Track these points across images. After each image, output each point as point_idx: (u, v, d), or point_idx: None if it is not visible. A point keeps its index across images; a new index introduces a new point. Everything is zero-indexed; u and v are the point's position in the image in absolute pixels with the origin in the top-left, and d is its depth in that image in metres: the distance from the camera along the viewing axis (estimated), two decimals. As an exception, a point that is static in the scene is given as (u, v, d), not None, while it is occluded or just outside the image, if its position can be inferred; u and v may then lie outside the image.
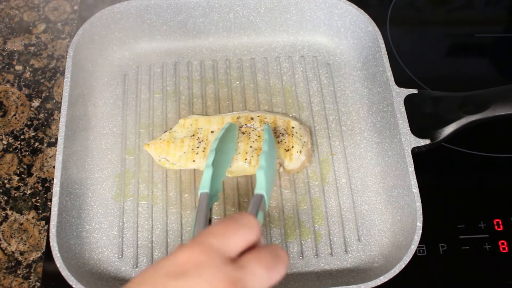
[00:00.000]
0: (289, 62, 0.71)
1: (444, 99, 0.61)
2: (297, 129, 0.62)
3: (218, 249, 0.36)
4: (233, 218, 0.39)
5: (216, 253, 0.35)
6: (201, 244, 0.36)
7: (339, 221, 0.60)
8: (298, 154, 0.60)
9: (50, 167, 0.65)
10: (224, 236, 0.37)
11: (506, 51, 0.78)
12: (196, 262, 0.35)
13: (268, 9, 0.70)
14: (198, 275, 0.34)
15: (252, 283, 0.35)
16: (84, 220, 0.59)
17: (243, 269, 0.35)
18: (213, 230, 0.37)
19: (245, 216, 0.39)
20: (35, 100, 0.70)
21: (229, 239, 0.37)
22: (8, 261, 0.59)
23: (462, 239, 0.61)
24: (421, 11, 0.83)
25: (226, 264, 0.35)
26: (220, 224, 0.38)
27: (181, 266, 0.35)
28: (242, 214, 0.39)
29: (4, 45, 0.75)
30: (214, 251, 0.35)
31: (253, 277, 0.35)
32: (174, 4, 0.68)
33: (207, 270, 0.34)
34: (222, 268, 0.35)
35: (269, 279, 0.37)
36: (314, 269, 0.57)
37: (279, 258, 0.38)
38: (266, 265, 0.36)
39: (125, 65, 0.70)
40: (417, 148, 0.58)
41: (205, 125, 0.62)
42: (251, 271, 0.36)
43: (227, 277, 0.34)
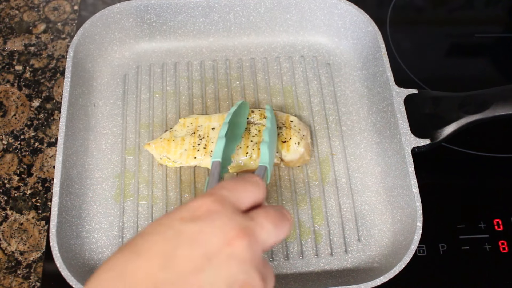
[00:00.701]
0: (289, 62, 0.71)
1: (444, 99, 0.61)
2: (296, 123, 0.62)
3: (229, 200, 0.38)
4: (243, 177, 0.41)
5: (228, 203, 0.37)
6: (214, 195, 0.38)
7: (339, 221, 0.60)
8: (296, 145, 0.60)
9: (50, 167, 0.65)
10: (236, 190, 0.39)
11: (506, 51, 0.78)
12: (209, 209, 0.36)
13: (268, 9, 0.70)
14: (211, 221, 0.35)
15: (261, 235, 0.37)
16: (84, 220, 0.59)
17: (253, 220, 0.37)
18: (225, 184, 0.39)
19: (253, 176, 0.42)
20: (35, 100, 0.70)
21: (240, 193, 0.39)
22: (8, 261, 0.59)
23: (462, 239, 0.61)
24: (421, 11, 0.83)
25: (237, 214, 0.37)
26: (232, 180, 0.40)
27: (195, 212, 0.36)
28: (250, 174, 0.42)
29: (4, 45, 0.75)
30: (226, 201, 0.37)
31: (262, 229, 0.37)
32: (174, 4, 0.68)
33: (219, 217, 0.36)
34: (233, 216, 0.36)
35: (276, 234, 0.38)
36: (314, 269, 0.57)
37: (284, 216, 0.40)
38: (273, 220, 0.38)
39: (125, 65, 0.70)
40: (417, 148, 0.58)
41: (206, 122, 0.62)
42: (260, 224, 0.37)
43: (238, 225, 0.36)
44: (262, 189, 0.41)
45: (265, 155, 0.50)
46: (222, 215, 0.36)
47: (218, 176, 0.49)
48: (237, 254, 0.35)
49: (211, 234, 0.35)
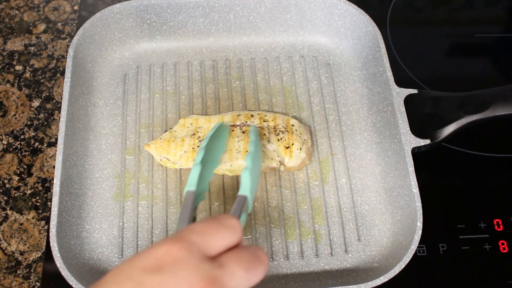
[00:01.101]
0: (289, 62, 0.71)
1: (444, 99, 0.61)
2: (296, 127, 0.62)
3: (198, 246, 0.35)
4: (216, 218, 0.38)
5: (196, 250, 0.35)
6: (181, 240, 0.35)
7: (339, 221, 0.60)
8: (298, 151, 0.60)
9: (50, 167, 0.65)
10: (205, 235, 0.36)
11: (506, 51, 0.78)
12: (174, 258, 0.34)
13: (268, 9, 0.70)
14: (175, 271, 0.33)
15: (230, 283, 0.35)
16: (84, 220, 0.59)
17: (222, 268, 0.35)
18: (195, 227, 0.37)
19: (228, 217, 0.39)
20: (35, 100, 0.70)
21: (210, 238, 0.36)
22: (8, 261, 0.59)
23: (462, 239, 0.61)
24: (421, 11, 0.83)
25: (204, 262, 0.35)
26: (203, 223, 0.38)
27: (159, 260, 0.34)
28: (225, 215, 0.39)
29: (4, 45, 0.75)
30: (193, 248, 0.35)
31: (232, 277, 0.35)
32: (174, 4, 0.68)
33: (185, 267, 0.34)
34: (201, 265, 0.34)
35: (247, 279, 0.36)
36: (314, 269, 0.57)
37: (259, 259, 0.38)
38: (245, 266, 0.36)
39: (125, 65, 0.70)
40: (417, 148, 0.58)
41: (205, 124, 0.62)
42: (230, 271, 0.35)
43: (205, 275, 0.34)
44: (237, 233, 0.38)
45: (247, 183, 0.45)
46: (188, 264, 0.34)
47: (192, 208, 0.44)
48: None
49: (175, 286, 0.33)
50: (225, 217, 0.39)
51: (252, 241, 0.59)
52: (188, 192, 0.45)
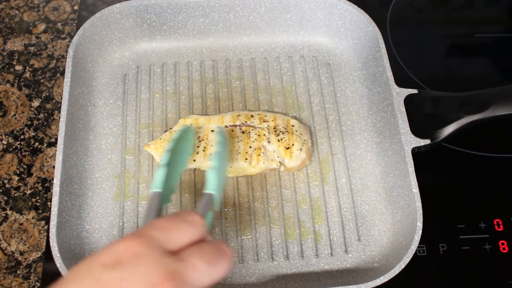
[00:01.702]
0: (289, 62, 0.71)
1: (444, 99, 0.61)
2: (297, 127, 0.62)
3: (158, 241, 0.35)
4: (177, 214, 0.39)
5: (156, 245, 0.35)
6: (141, 236, 0.35)
7: (339, 221, 0.60)
8: (299, 152, 0.60)
9: (50, 167, 0.65)
10: (166, 230, 0.36)
11: (506, 51, 0.78)
12: (133, 253, 0.34)
13: (268, 9, 0.70)
14: (134, 267, 0.33)
15: (192, 277, 0.35)
16: (84, 220, 0.59)
17: (183, 262, 0.35)
18: (156, 223, 0.37)
19: (190, 213, 0.39)
20: (35, 100, 0.70)
21: (171, 233, 0.36)
22: (8, 261, 0.59)
23: (462, 239, 0.61)
24: (421, 11, 0.83)
25: (164, 257, 0.34)
26: (164, 219, 0.38)
27: (118, 256, 0.34)
28: (188, 211, 0.39)
29: (4, 45, 0.75)
30: (153, 243, 0.35)
31: (193, 271, 0.35)
32: (174, 4, 0.68)
33: (144, 262, 0.33)
34: (160, 260, 0.34)
35: (210, 273, 0.36)
36: (314, 269, 0.57)
37: (222, 253, 0.38)
38: (207, 259, 0.36)
39: (125, 65, 0.70)
40: (417, 148, 0.58)
41: (205, 124, 0.62)
42: (192, 264, 0.35)
43: (164, 269, 0.33)
44: (199, 228, 0.38)
45: (212, 182, 0.45)
46: (147, 259, 0.34)
47: (157, 209, 0.44)
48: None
49: (133, 281, 0.33)
50: (188, 213, 0.39)
51: (252, 241, 0.59)
52: (154, 193, 0.45)
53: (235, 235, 0.59)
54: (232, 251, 0.39)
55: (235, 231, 0.59)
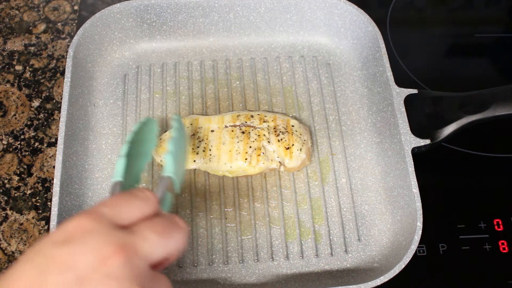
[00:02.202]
0: (289, 62, 0.71)
1: (444, 99, 0.61)
2: (297, 127, 0.62)
3: (108, 217, 0.36)
4: (129, 192, 0.39)
5: (105, 220, 0.35)
6: (92, 213, 0.36)
7: (339, 221, 0.60)
8: (299, 152, 0.60)
9: (50, 167, 0.65)
10: (117, 206, 0.37)
11: (506, 51, 0.78)
12: (83, 229, 0.34)
13: (268, 9, 0.70)
14: (83, 242, 0.34)
15: (144, 248, 0.35)
16: (84, 220, 0.59)
17: (134, 234, 0.35)
18: (107, 200, 0.38)
19: (142, 189, 0.39)
20: (35, 100, 0.70)
21: (121, 208, 0.37)
22: (8, 261, 0.59)
23: (462, 239, 0.61)
24: (421, 11, 0.83)
25: (114, 230, 0.35)
26: (115, 196, 0.38)
27: (68, 233, 0.34)
28: (141, 189, 0.40)
29: (4, 45, 0.75)
30: (103, 219, 0.35)
31: (144, 242, 0.35)
32: (174, 4, 0.68)
33: (94, 236, 0.34)
34: (110, 233, 0.34)
35: (163, 244, 0.36)
36: (314, 269, 0.57)
37: (175, 224, 0.38)
38: (159, 231, 0.36)
39: (125, 65, 0.70)
40: (417, 148, 0.58)
41: (205, 124, 0.62)
42: (142, 236, 0.35)
43: (114, 242, 0.34)
44: (151, 203, 0.38)
45: (169, 165, 0.46)
46: (97, 233, 0.34)
47: None
48: (113, 273, 0.33)
49: (83, 255, 0.33)
50: (139, 189, 0.40)
51: (252, 241, 0.59)
52: (114, 183, 0.45)
53: (235, 235, 0.59)
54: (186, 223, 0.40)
55: (235, 231, 0.59)
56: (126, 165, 0.47)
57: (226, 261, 0.57)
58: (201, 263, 0.57)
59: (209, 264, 0.57)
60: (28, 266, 0.33)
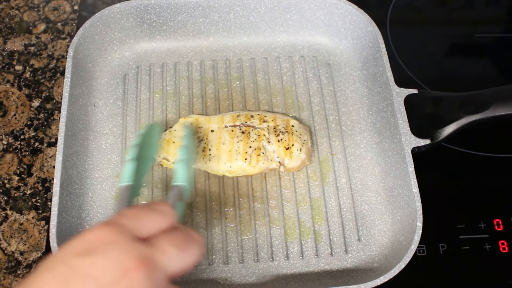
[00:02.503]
0: (289, 62, 0.71)
1: (444, 99, 0.61)
2: (296, 127, 0.62)
3: (128, 228, 0.36)
4: (148, 204, 0.40)
5: (126, 232, 0.36)
6: (112, 224, 0.36)
7: (339, 221, 0.60)
8: (299, 152, 0.60)
9: (50, 167, 0.65)
10: (136, 218, 0.37)
11: (506, 51, 0.78)
12: (104, 240, 0.35)
13: (268, 9, 0.70)
14: (105, 253, 0.34)
15: (163, 262, 0.36)
16: (84, 220, 0.59)
17: (153, 247, 0.36)
18: (126, 212, 0.38)
19: (159, 203, 0.40)
20: (35, 100, 0.70)
21: (141, 221, 0.37)
22: (8, 261, 0.59)
23: (462, 239, 0.61)
24: (421, 11, 0.83)
25: (135, 243, 0.35)
26: (134, 208, 0.39)
27: (89, 244, 0.35)
28: (157, 202, 0.41)
29: (4, 45, 0.75)
30: (124, 230, 0.36)
31: (164, 255, 0.36)
32: (174, 4, 0.68)
33: (115, 248, 0.34)
34: (130, 245, 0.35)
35: (181, 258, 0.37)
36: (314, 269, 0.57)
37: (192, 238, 0.39)
38: (177, 244, 0.37)
39: (125, 65, 0.70)
40: (417, 148, 0.58)
41: (205, 124, 0.62)
42: (162, 249, 0.36)
43: (135, 254, 0.34)
44: (169, 216, 0.39)
45: (182, 174, 0.47)
46: (118, 245, 0.35)
47: (127, 202, 0.45)
48: (134, 286, 0.33)
49: (105, 266, 0.33)
50: (157, 203, 0.40)
51: (252, 241, 0.59)
52: (123, 187, 0.46)
53: (235, 235, 0.59)
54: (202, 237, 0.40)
55: (235, 231, 0.59)
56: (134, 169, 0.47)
57: (226, 261, 0.57)
58: (201, 263, 0.57)
59: (209, 264, 0.57)
60: (50, 276, 0.34)
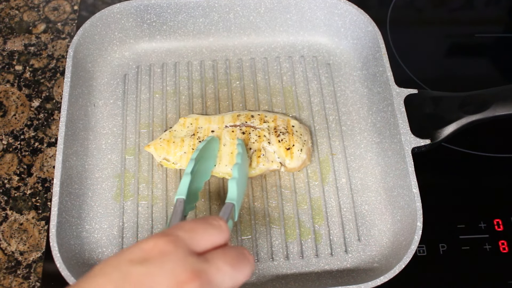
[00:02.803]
0: (289, 62, 0.71)
1: (444, 99, 0.61)
2: (297, 127, 0.62)
3: (185, 241, 0.36)
4: (205, 218, 0.40)
5: (183, 245, 0.36)
6: (169, 235, 0.36)
7: (339, 221, 0.60)
8: (299, 152, 0.60)
9: (50, 167, 0.65)
10: (193, 231, 0.38)
11: (506, 51, 0.78)
12: (161, 251, 0.35)
13: (268, 9, 0.70)
14: (161, 263, 0.34)
15: (216, 278, 0.36)
16: (84, 220, 0.59)
17: (208, 263, 0.36)
18: (183, 224, 0.38)
19: (216, 218, 0.40)
20: (35, 100, 0.70)
21: (197, 235, 0.37)
22: (8, 261, 0.59)
23: (462, 239, 0.61)
24: (421, 11, 0.83)
25: (190, 256, 0.35)
26: (191, 221, 0.39)
27: (146, 253, 0.35)
28: (214, 216, 0.40)
29: (4, 45, 0.75)
30: (180, 243, 0.36)
31: (218, 272, 0.36)
32: (174, 4, 0.68)
33: (171, 259, 0.35)
34: (186, 259, 0.35)
35: (233, 277, 0.37)
36: (314, 269, 0.57)
37: (245, 257, 0.39)
38: (231, 262, 0.37)
39: (125, 65, 0.70)
40: (417, 148, 0.58)
41: (205, 124, 0.62)
42: (216, 266, 0.36)
43: (191, 268, 0.34)
44: (224, 233, 0.39)
45: (233, 192, 0.48)
46: (174, 256, 0.35)
47: (182, 214, 0.46)
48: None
49: (161, 277, 0.34)
50: (214, 218, 0.40)
51: (252, 241, 0.59)
52: (178, 200, 0.47)
53: (235, 235, 0.59)
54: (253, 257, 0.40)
55: (235, 231, 0.59)
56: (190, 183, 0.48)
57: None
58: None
59: (209, 264, 0.57)
60: (105, 280, 0.34)
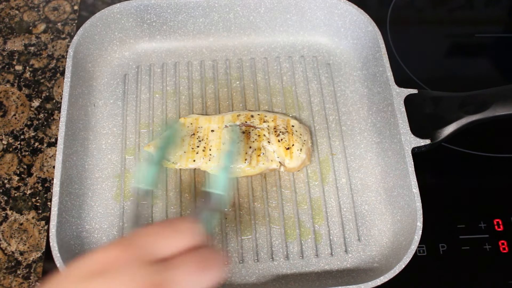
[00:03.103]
0: (289, 62, 0.71)
1: (444, 99, 0.61)
2: (297, 127, 0.62)
3: (145, 249, 0.34)
4: (169, 222, 0.38)
5: (142, 254, 0.34)
6: (125, 244, 0.34)
7: (339, 221, 0.60)
8: (299, 152, 0.60)
9: (50, 167, 0.65)
10: (155, 236, 0.36)
11: (506, 51, 0.78)
12: (115, 261, 0.33)
13: (268, 9, 0.70)
14: (117, 275, 0.32)
15: (178, 285, 0.34)
16: (84, 220, 0.59)
17: (169, 272, 0.34)
18: (143, 231, 0.36)
19: (182, 220, 0.38)
20: (35, 100, 0.70)
21: (160, 240, 0.35)
22: (8, 261, 0.59)
23: (462, 239, 0.61)
24: (421, 11, 0.83)
25: (148, 265, 0.33)
26: (153, 227, 0.37)
27: (102, 264, 0.33)
28: (180, 219, 0.39)
29: (4, 45, 0.75)
30: (140, 251, 0.34)
31: (179, 280, 0.34)
32: (174, 4, 0.68)
33: (128, 270, 0.33)
34: (143, 268, 0.33)
35: (199, 281, 0.35)
36: (314, 269, 0.57)
37: (212, 261, 0.37)
38: (195, 268, 0.35)
39: (125, 65, 0.70)
40: (417, 148, 0.58)
41: (205, 124, 0.62)
42: (178, 274, 0.34)
43: (148, 279, 0.33)
44: (189, 236, 0.37)
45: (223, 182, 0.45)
46: (131, 267, 0.33)
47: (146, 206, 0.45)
48: None
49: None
50: (179, 220, 0.38)
51: (252, 241, 0.59)
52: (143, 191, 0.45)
53: (235, 235, 0.59)
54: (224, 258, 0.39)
55: (235, 231, 0.59)
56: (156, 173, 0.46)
57: (226, 261, 0.57)
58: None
59: (209, 264, 0.57)
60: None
